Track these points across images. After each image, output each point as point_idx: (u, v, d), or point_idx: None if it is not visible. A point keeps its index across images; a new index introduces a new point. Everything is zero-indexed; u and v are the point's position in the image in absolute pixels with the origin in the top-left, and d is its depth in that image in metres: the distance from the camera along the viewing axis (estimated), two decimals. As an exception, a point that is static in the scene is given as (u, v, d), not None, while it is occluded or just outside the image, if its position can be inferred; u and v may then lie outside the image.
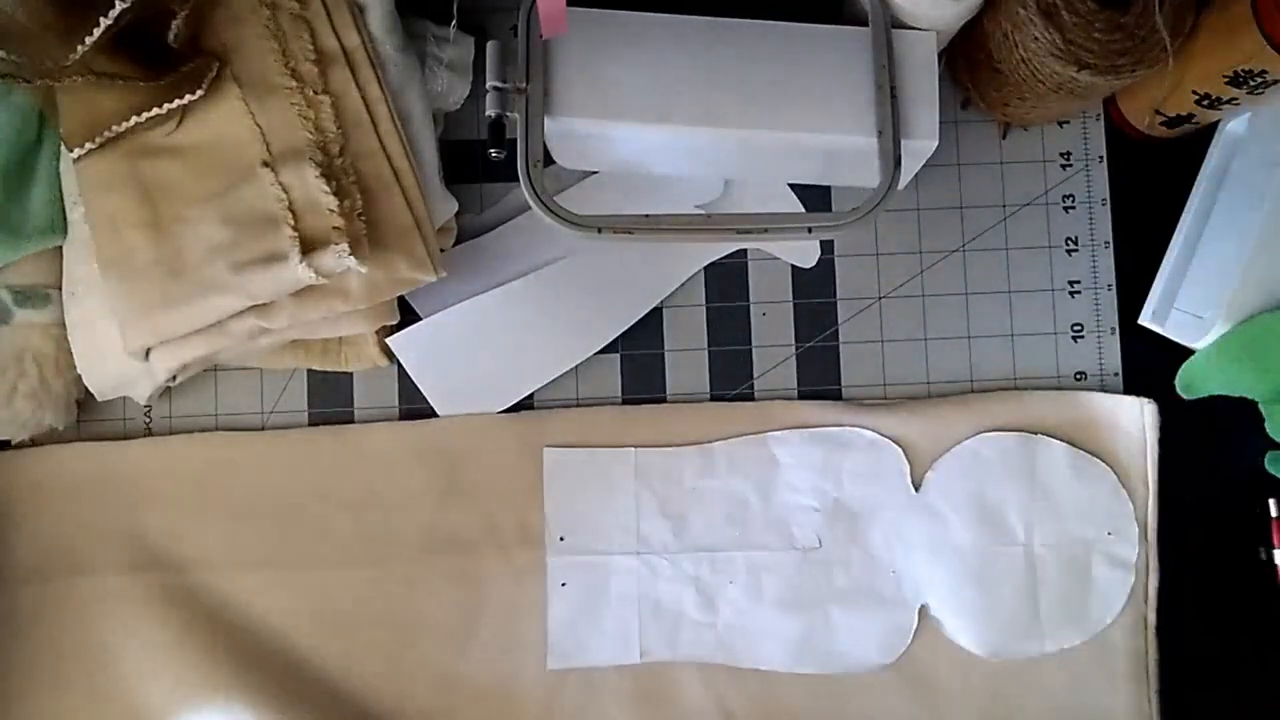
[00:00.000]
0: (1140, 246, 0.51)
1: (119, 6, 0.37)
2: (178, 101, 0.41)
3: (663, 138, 0.44)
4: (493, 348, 0.51)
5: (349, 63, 0.44)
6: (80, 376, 0.47)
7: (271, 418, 0.51)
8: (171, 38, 0.41)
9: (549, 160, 0.49)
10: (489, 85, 0.42)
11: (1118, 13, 0.42)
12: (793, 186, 0.52)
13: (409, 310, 0.50)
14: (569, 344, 0.51)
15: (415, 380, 0.51)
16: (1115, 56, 0.42)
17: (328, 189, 0.41)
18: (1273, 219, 0.46)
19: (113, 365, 0.46)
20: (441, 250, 0.48)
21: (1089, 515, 0.50)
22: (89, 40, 0.38)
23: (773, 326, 0.52)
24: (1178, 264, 0.50)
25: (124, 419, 0.51)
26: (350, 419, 0.51)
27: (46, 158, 0.45)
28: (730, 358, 0.52)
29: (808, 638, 0.49)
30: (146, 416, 0.51)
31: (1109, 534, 0.49)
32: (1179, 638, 0.50)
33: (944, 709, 0.49)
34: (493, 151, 0.42)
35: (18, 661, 0.48)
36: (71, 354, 0.47)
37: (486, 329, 0.51)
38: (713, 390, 0.52)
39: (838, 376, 0.52)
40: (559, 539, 0.50)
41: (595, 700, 0.49)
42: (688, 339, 0.52)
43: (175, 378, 0.46)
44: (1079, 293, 0.52)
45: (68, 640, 0.49)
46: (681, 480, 0.50)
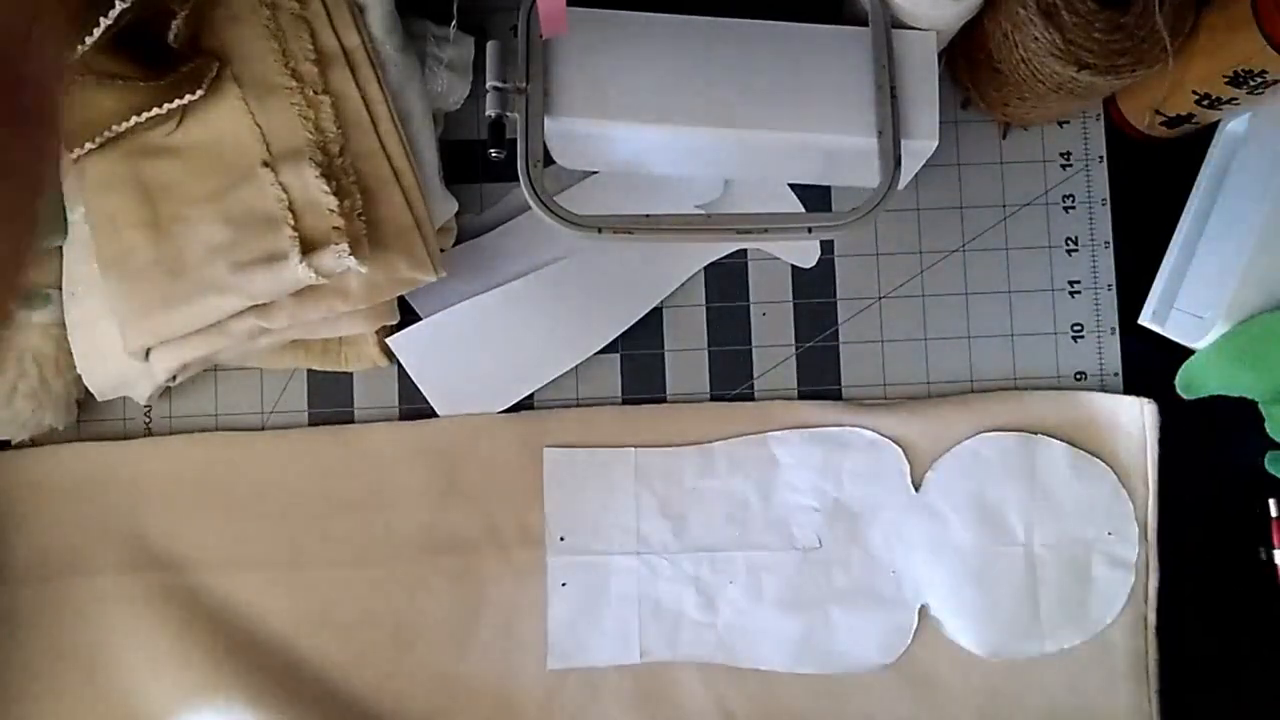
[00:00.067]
0: (1140, 246, 0.51)
1: (119, 6, 0.37)
2: (178, 101, 0.41)
3: (663, 138, 0.44)
4: (493, 348, 0.51)
5: (349, 63, 0.44)
6: (80, 376, 0.47)
7: (271, 418, 0.51)
8: (171, 38, 0.41)
9: (549, 160, 0.49)
10: (489, 85, 0.42)
11: (1118, 13, 0.42)
12: (793, 186, 0.52)
13: (409, 310, 0.50)
14: (569, 344, 0.51)
15: (415, 380, 0.51)
16: (1115, 56, 0.42)
17: (328, 189, 0.42)
18: (1273, 219, 0.46)
19: (113, 365, 0.46)
20: (441, 250, 0.48)
21: (1089, 515, 0.50)
22: (89, 40, 0.38)
23: (773, 326, 0.52)
24: (1178, 264, 0.50)
25: (124, 419, 0.51)
26: (350, 419, 0.51)
27: (46, 158, 0.45)
28: (730, 358, 0.52)
29: (808, 638, 0.49)
30: (146, 416, 0.51)
31: (1109, 534, 0.50)
32: (1179, 638, 0.50)
33: (944, 709, 0.49)
34: (493, 151, 0.42)
35: (17, 661, 0.48)
36: (71, 354, 0.47)
37: (486, 329, 0.51)
38: (713, 390, 0.52)
39: (838, 376, 0.52)
40: (559, 539, 0.50)
41: (595, 700, 0.49)
42: (688, 339, 0.52)
43: (175, 378, 0.46)
44: (1079, 293, 0.52)
45: (67, 640, 0.49)
46: (681, 480, 0.50)
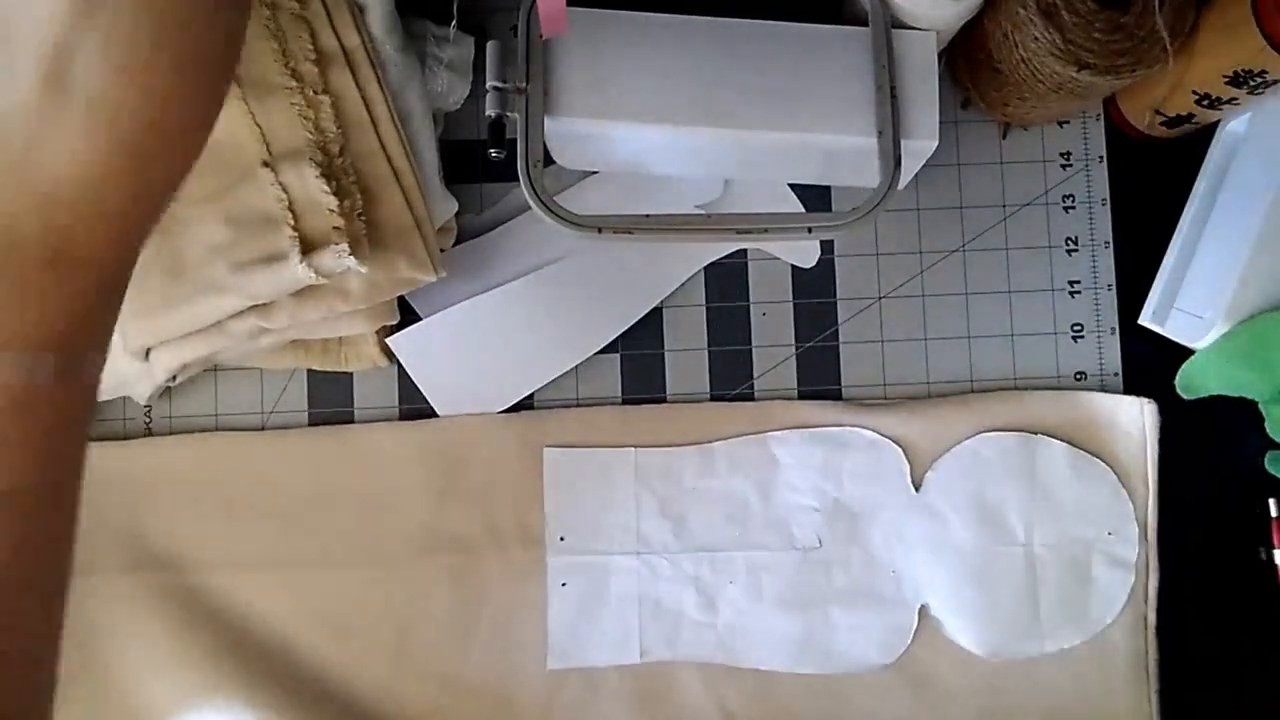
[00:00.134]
0: (1140, 246, 0.51)
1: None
2: (178, 101, 0.41)
3: (663, 138, 0.44)
4: (493, 348, 0.51)
5: (349, 63, 0.44)
6: (80, 376, 0.47)
7: (271, 418, 0.51)
8: (171, 38, 0.41)
9: (549, 160, 0.49)
10: (489, 85, 0.42)
11: (1118, 13, 0.42)
12: (793, 186, 0.52)
13: (409, 310, 0.50)
14: (569, 344, 0.51)
15: (415, 380, 0.51)
16: (1115, 56, 0.42)
17: (328, 189, 0.41)
18: (1273, 219, 0.46)
19: (113, 365, 0.46)
20: (441, 250, 0.48)
21: (1089, 515, 0.50)
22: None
23: (773, 326, 0.52)
24: (1178, 264, 0.50)
25: (124, 419, 0.51)
26: (350, 419, 0.51)
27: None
28: (730, 358, 0.52)
29: (808, 638, 0.49)
30: (146, 416, 0.51)
31: (1109, 534, 0.49)
32: (1179, 638, 0.50)
33: (944, 709, 0.49)
34: (493, 151, 0.42)
35: (18, 661, 0.48)
36: (71, 354, 0.46)
37: (486, 329, 0.51)
38: (713, 390, 0.52)
39: (838, 376, 0.52)
40: (559, 539, 0.50)
41: (595, 700, 0.49)
42: (688, 339, 0.52)
43: (175, 378, 0.46)
44: (1079, 293, 0.52)
45: (67, 640, 0.48)
46: (681, 480, 0.50)
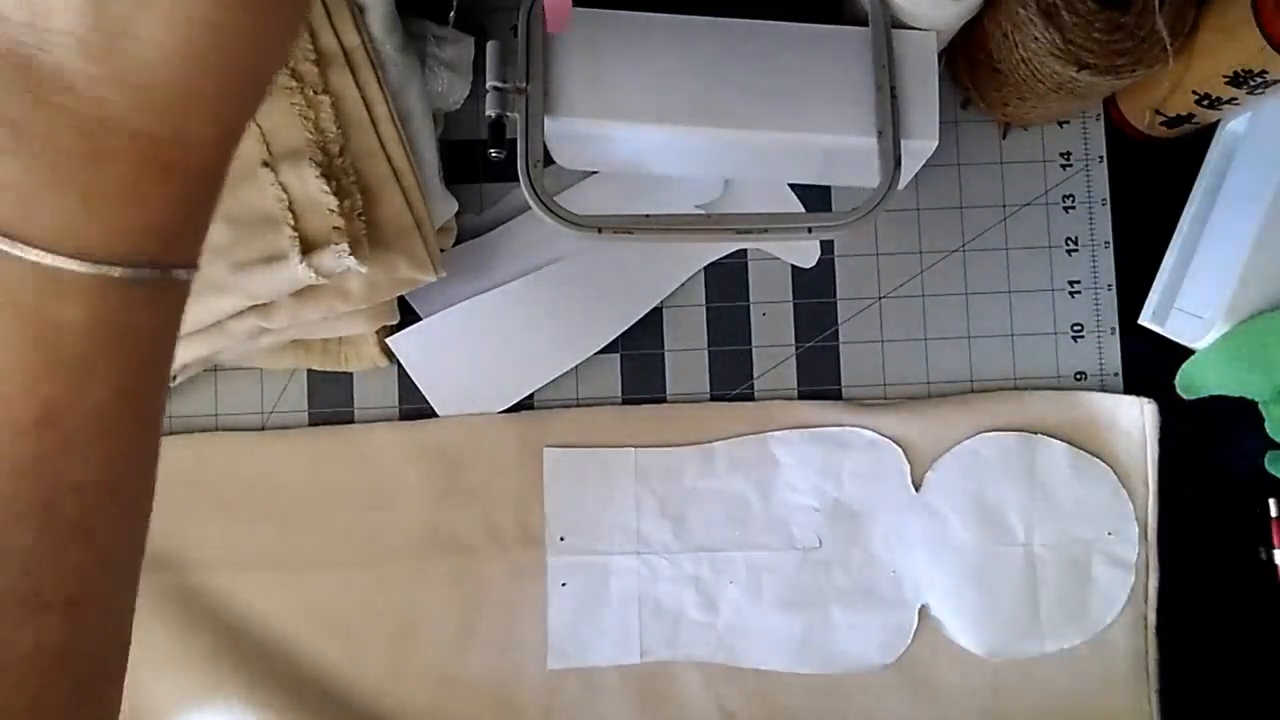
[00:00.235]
0: (1140, 246, 0.51)
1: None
2: (178, 101, 0.41)
3: (663, 138, 0.44)
4: (493, 348, 0.51)
5: (349, 63, 0.44)
6: (80, 376, 0.47)
7: (271, 418, 0.51)
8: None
9: (549, 160, 0.49)
10: (489, 85, 0.42)
11: (1118, 13, 0.42)
12: (793, 186, 0.52)
13: (409, 310, 0.50)
14: (569, 344, 0.51)
15: (415, 380, 0.51)
16: (1115, 56, 0.42)
17: (328, 189, 0.41)
18: (1273, 219, 0.46)
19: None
20: (441, 250, 0.48)
21: (1089, 515, 0.50)
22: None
23: (773, 326, 0.52)
24: (1178, 264, 0.50)
25: (124, 419, 0.51)
26: (350, 419, 0.51)
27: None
28: (730, 358, 0.52)
29: (808, 638, 0.49)
30: (146, 416, 0.51)
31: (1109, 534, 0.49)
32: (1179, 638, 0.50)
33: (944, 709, 0.49)
34: (493, 151, 0.42)
35: (18, 661, 0.48)
36: (71, 354, 0.46)
37: (486, 329, 0.51)
38: (713, 390, 0.52)
39: (838, 376, 0.52)
40: (559, 539, 0.50)
41: (595, 700, 0.49)
42: (688, 339, 0.52)
43: (175, 378, 0.46)
44: (1079, 293, 0.52)
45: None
46: (681, 480, 0.50)
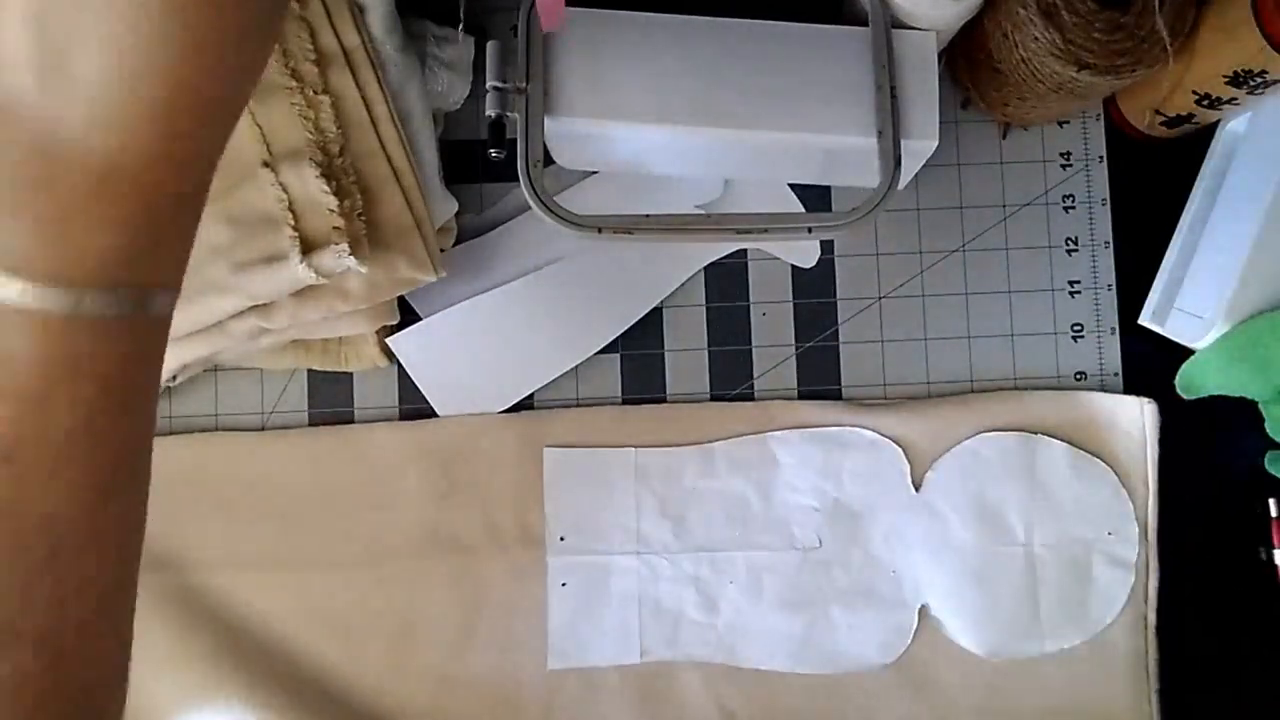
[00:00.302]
0: (1140, 246, 0.51)
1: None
2: (178, 101, 0.41)
3: (663, 138, 0.44)
4: (493, 348, 0.51)
5: (349, 63, 0.44)
6: (80, 376, 0.47)
7: (271, 418, 0.51)
8: (171, 38, 0.41)
9: (549, 160, 0.49)
10: (489, 85, 0.42)
11: (1118, 13, 0.42)
12: (793, 186, 0.52)
13: (409, 310, 0.50)
14: (569, 344, 0.51)
15: (415, 380, 0.51)
16: (1115, 56, 0.42)
17: (328, 189, 0.41)
18: (1273, 219, 0.46)
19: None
20: (441, 250, 0.48)
21: (1089, 515, 0.50)
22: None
23: (773, 326, 0.52)
24: (1178, 264, 0.50)
25: (124, 419, 0.51)
26: (350, 419, 0.51)
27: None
28: (730, 358, 0.52)
29: (808, 638, 0.49)
30: (146, 416, 0.51)
31: (1109, 534, 0.49)
32: (1179, 638, 0.50)
33: (944, 709, 0.49)
34: (493, 151, 0.42)
35: (18, 661, 0.48)
36: (71, 354, 0.46)
37: (486, 329, 0.51)
38: (713, 390, 0.52)
39: (838, 376, 0.52)
40: (559, 539, 0.50)
41: (595, 700, 0.49)
42: (688, 339, 0.52)
43: (175, 378, 0.46)
44: (1079, 293, 0.52)
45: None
46: (681, 480, 0.50)
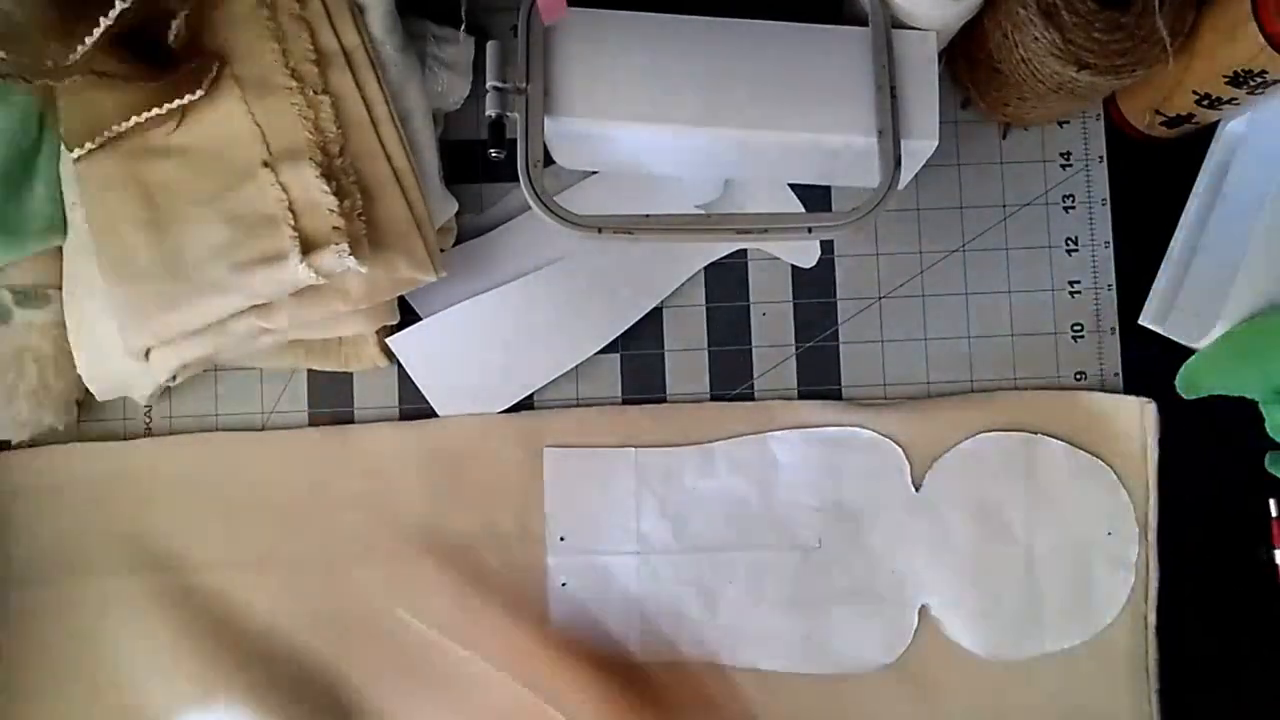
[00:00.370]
0: (1140, 246, 0.51)
1: (119, 6, 0.37)
2: (178, 101, 0.41)
3: (663, 138, 0.44)
4: (493, 348, 0.51)
5: (349, 63, 0.44)
6: (80, 376, 0.47)
7: (271, 418, 0.51)
8: (171, 38, 0.41)
9: (549, 160, 0.49)
10: (489, 85, 0.42)
11: (1118, 13, 0.42)
12: (793, 186, 0.52)
13: (409, 310, 0.50)
14: (569, 344, 0.51)
15: (415, 380, 0.51)
16: (1115, 56, 0.42)
17: (328, 189, 0.41)
18: (1273, 219, 0.46)
19: (113, 365, 0.46)
20: (441, 250, 0.48)
21: (1089, 515, 0.50)
22: (89, 40, 0.38)
23: (773, 326, 0.52)
24: (1178, 264, 0.50)
25: (124, 419, 0.51)
26: (350, 419, 0.51)
27: (46, 158, 0.45)
28: (730, 358, 0.52)
29: (808, 638, 0.49)
30: (146, 416, 0.51)
31: (1109, 534, 0.49)
32: (1179, 638, 0.50)
33: (944, 709, 0.49)
34: (493, 151, 0.42)
35: (18, 662, 0.48)
36: (71, 354, 0.46)
37: (486, 329, 0.51)
38: (713, 390, 0.52)
39: (838, 376, 0.52)
40: (559, 539, 0.50)
41: (595, 700, 0.49)
42: (688, 339, 0.52)
43: (175, 378, 0.46)
44: (1079, 293, 0.52)
45: (68, 641, 0.49)
46: (681, 480, 0.50)
